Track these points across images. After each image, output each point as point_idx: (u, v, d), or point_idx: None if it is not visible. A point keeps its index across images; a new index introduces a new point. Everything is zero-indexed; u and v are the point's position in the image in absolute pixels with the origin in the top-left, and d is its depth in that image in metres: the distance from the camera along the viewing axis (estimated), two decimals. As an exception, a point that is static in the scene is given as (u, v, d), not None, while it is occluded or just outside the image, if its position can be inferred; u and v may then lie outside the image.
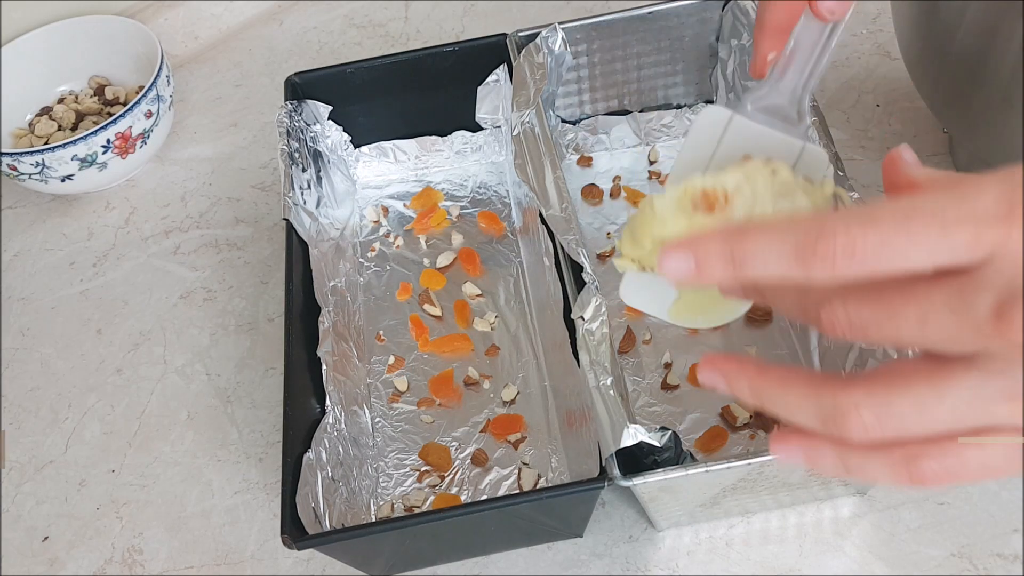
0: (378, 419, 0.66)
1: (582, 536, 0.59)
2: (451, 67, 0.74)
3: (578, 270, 0.57)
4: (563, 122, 0.77)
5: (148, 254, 0.80)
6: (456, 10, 0.95)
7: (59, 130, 0.85)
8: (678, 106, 0.77)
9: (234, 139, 0.88)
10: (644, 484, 0.50)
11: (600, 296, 0.55)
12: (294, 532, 0.51)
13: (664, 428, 0.50)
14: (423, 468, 0.63)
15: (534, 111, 0.66)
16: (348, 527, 0.55)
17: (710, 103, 0.77)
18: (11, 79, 0.85)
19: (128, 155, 0.81)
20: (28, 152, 0.77)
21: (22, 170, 0.78)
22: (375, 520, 0.60)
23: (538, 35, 0.70)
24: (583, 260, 0.57)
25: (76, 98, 0.88)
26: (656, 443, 0.49)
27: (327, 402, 0.59)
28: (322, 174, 0.75)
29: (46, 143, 0.82)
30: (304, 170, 0.71)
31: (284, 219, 0.65)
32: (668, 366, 0.65)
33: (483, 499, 0.60)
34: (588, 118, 0.77)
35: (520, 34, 0.72)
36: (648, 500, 0.54)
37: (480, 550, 0.59)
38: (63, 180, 0.80)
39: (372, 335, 0.70)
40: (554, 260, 0.61)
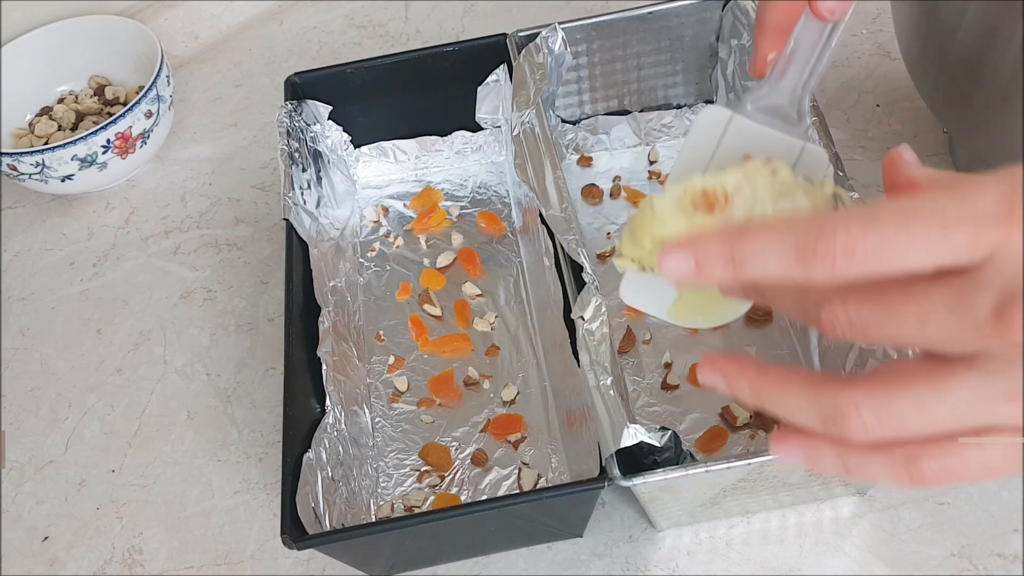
0: (378, 419, 0.66)
1: (582, 536, 0.59)
2: (451, 67, 0.74)
3: (578, 270, 0.57)
4: (563, 122, 0.77)
5: (148, 254, 0.80)
6: (456, 10, 0.95)
7: (59, 130, 0.85)
8: (678, 106, 0.77)
9: (234, 139, 0.88)
10: (644, 484, 0.50)
11: (600, 296, 0.55)
12: (294, 532, 0.51)
13: (664, 428, 0.50)
14: (423, 468, 0.63)
15: (534, 111, 0.66)
16: (348, 527, 0.55)
17: (710, 103, 0.77)
18: (11, 79, 0.85)
19: (128, 155, 0.81)
20: (28, 152, 0.77)
21: (22, 170, 0.78)
22: (375, 520, 0.60)
23: (538, 35, 0.70)
24: (583, 260, 0.57)
25: (76, 98, 0.88)
26: (656, 443, 0.49)
27: (327, 402, 0.59)
28: (322, 174, 0.75)
29: (46, 143, 0.82)
30: (304, 170, 0.71)
31: (284, 219, 0.65)
32: (668, 366, 0.65)
33: (483, 499, 0.60)
34: (588, 118, 0.77)
35: (520, 34, 0.72)
36: (648, 500, 0.54)
37: (480, 550, 0.59)
38: (63, 180, 0.80)
39: (372, 335, 0.70)
40: (554, 260, 0.61)
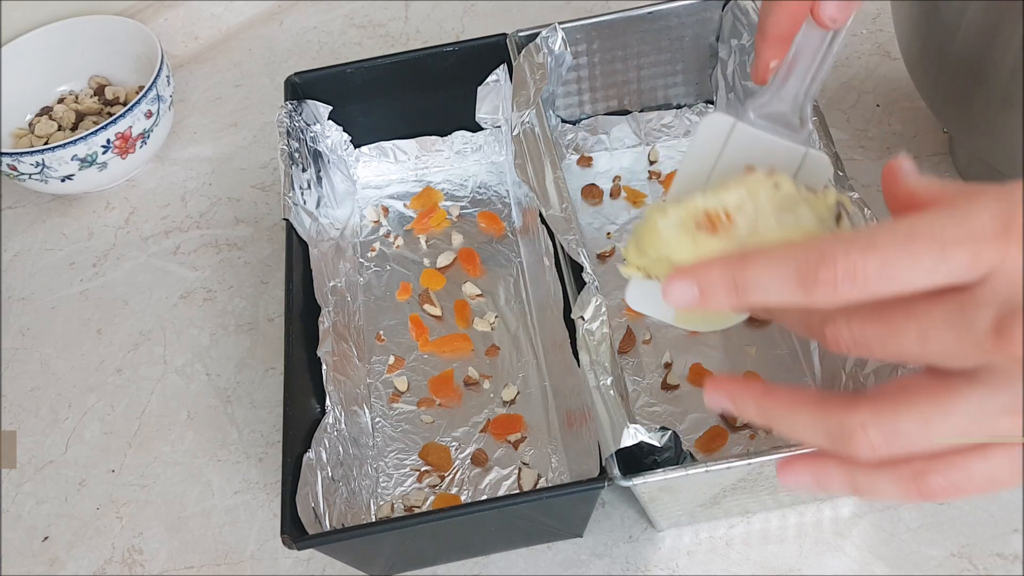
0: (378, 419, 0.66)
1: (582, 536, 0.59)
2: (451, 67, 0.74)
3: (578, 270, 0.57)
4: (563, 122, 0.77)
5: (148, 254, 0.80)
6: (456, 10, 0.95)
7: (59, 130, 0.85)
8: (678, 106, 0.77)
9: (234, 139, 0.88)
10: (644, 484, 0.50)
11: (600, 296, 0.55)
12: (294, 532, 0.51)
13: (664, 428, 0.50)
14: (423, 468, 0.63)
15: (534, 111, 0.66)
16: (348, 527, 0.55)
17: (710, 103, 0.77)
18: (11, 79, 0.86)
19: (128, 155, 0.81)
20: (28, 152, 0.77)
21: (22, 170, 0.78)
22: (375, 520, 0.60)
23: (538, 35, 0.70)
24: (583, 260, 0.57)
25: (76, 98, 0.88)
26: (656, 443, 0.49)
27: (327, 402, 0.59)
28: (322, 174, 0.75)
29: (46, 143, 0.82)
30: (304, 170, 0.71)
31: (284, 219, 0.65)
32: (668, 366, 0.65)
33: (483, 499, 0.60)
34: (588, 118, 0.77)
35: (520, 34, 0.72)
36: (648, 500, 0.54)
37: (480, 550, 0.59)
38: (63, 180, 0.80)
39: (372, 335, 0.70)
40: (554, 260, 0.61)
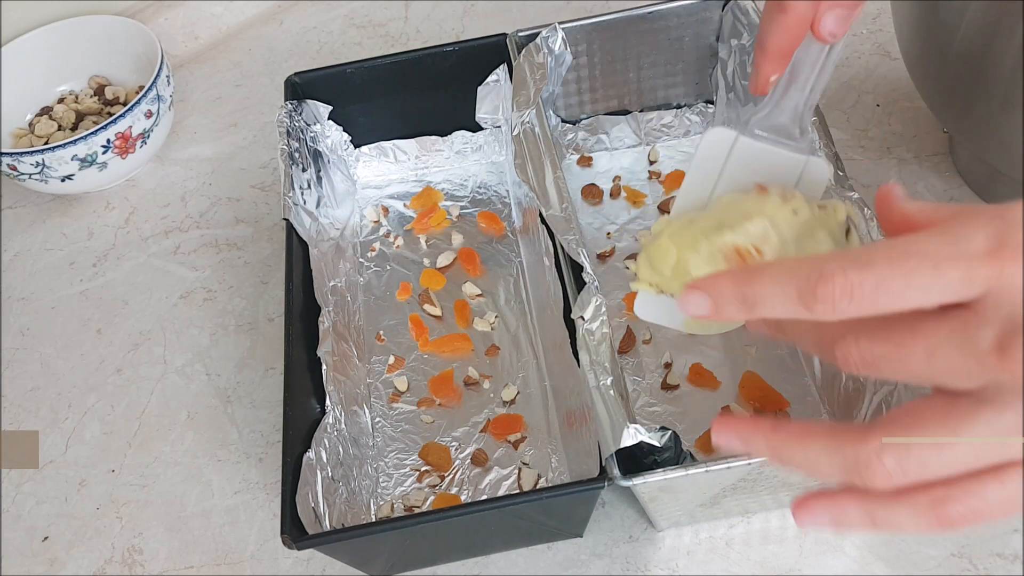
0: (378, 419, 0.66)
1: (582, 536, 0.59)
2: (451, 67, 0.74)
3: (578, 270, 0.57)
4: (563, 122, 0.77)
5: (148, 254, 0.80)
6: (456, 10, 0.95)
7: (59, 130, 0.85)
8: (678, 106, 0.77)
9: (234, 139, 0.88)
10: (644, 484, 0.50)
11: (600, 296, 0.55)
12: (294, 532, 0.51)
13: (664, 428, 0.50)
14: (423, 468, 0.63)
15: (534, 111, 0.66)
16: (348, 527, 0.55)
17: (710, 103, 0.77)
18: (11, 79, 0.86)
19: (128, 155, 0.81)
20: (28, 152, 0.77)
21: (22, 170, 0.78)
22: (375, 520, 0.60)
23: (538, 35, 0.70)
24: (583, 260, 0.57)
25: (76, 98, 0.88)
26: (656, 443, 0.49)
27: (327, 402, 0.59)
28: (322, 174, 0.75)
29: (46, 143, 0.82)
30: (304, 170, 0.71)
31: (284, 219, 0.65)
32: (668, 366, 0.65)
33: (483, 499, 0.60)
34: (588, 118, 0.77)
35: (520, 34, 0.72)
36: (648, 500, 0.54)
37: (480, 550, 0.59)
38: (63, 180, 0.80)
39: (372, 335, 0.70)
40: (554, 260, 0.61)
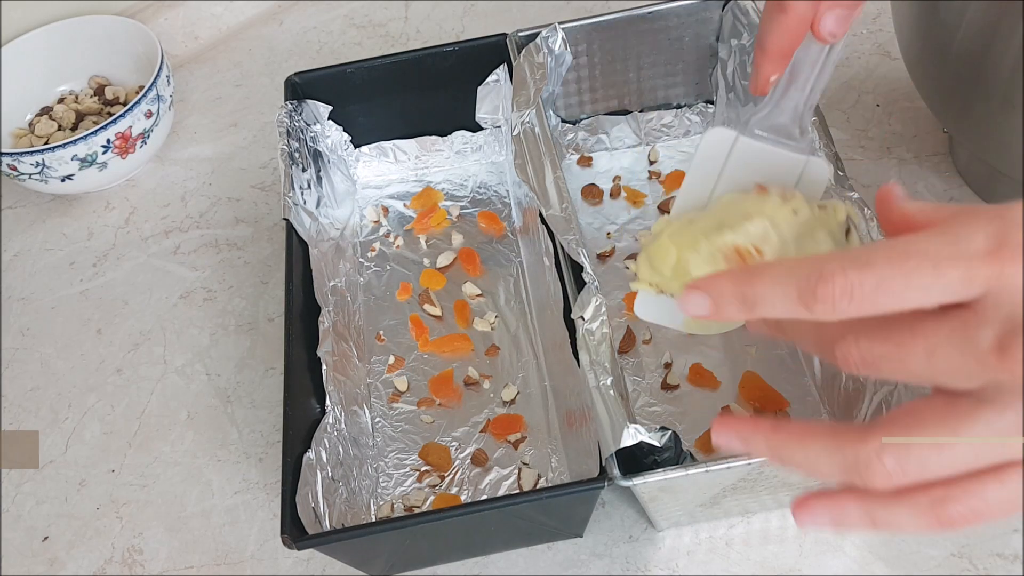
0: (378, 419, 0.66)
1: (582, 536, 0.59)
2: (451, 67, 0.74)
3: (578, 270, 0.57)
4: (563, 122, 0.77)
5: (148, 254, 0.80)
6: (456, 10, 0.95)
7: (59, 130, 0.85)
8: (678, 106, 0.77)
9: (234, 139, 0.88)
10: (644, 484, 0.50)
11: (600, 296, 0.55)
12: (294, 532, 0.51)
13: (664, 428, 0.50)
14: (423, 468, 0.63)
15: (534, 111, 0.66)
16: (348, 527, 0.55)
17: (710, 103, 0.77)
18: (11, 79, 0.86)
19: (128, 155, 0.81)
20: (28, 152, 0.77)
21: (22, 170, 0.78)
22: (375, 520, 0.60)
23: (538, 35, 0.70)
24: (583, 260, 0.57)
25: (76, 98, 0.88)
26: (656, 443, 0.49)
27: (327, 402, 0.59)
28: (322, 174, 0.75)
29: (46, 143, 0.82)
30: (304, 170, 0.71)
31: (284, 219, 0.65)
32: (668, 366, 0.65)
33: (483, 499, 0.60)
34: (588, 118, 0.77)
35: (520, 34, 0.72)
36: (648, 500, 0.54)
37: (480, 550, 0.59)
38: (63, 180, 0.80)
39: (372, 335, 0.70)
40: (554, 260, 0.61)
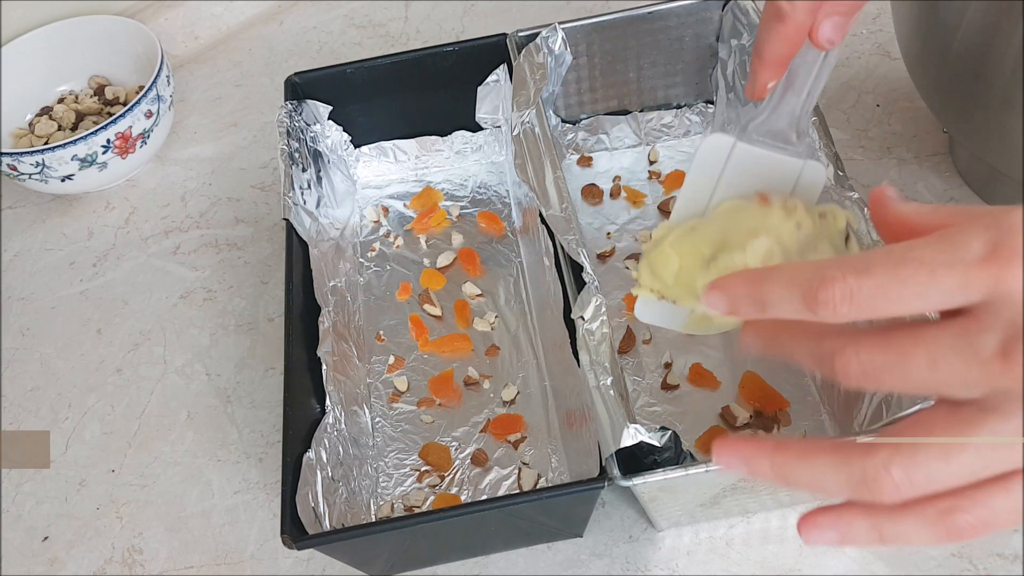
0: (378, 419, 0.66)
1: (582, 536, 0.59)
2: (451, 67, 0.74)
3: (578, 270, 0.57)
4: (563, 122, 0.77)
5: (148, 254, 0.80)
6: (456, 10, 0.95)
7: (59, 130, 0.85)
8: (678, 106, 0.77)
9: (234, 139, 0.88)
10: (644, 484, 0.50)
11: (600, 296, 0.55)
12: (294, 532, 0.51)
13: (664, 428, 0.50)
14: (423, 468, 0.63)
15: (534, 111, 0.66)
16: (348, 527, 0.55)
17: (710, 103, 0.77)
18: (11, 79, 0.86)
19: (128, 155, 0.81)
20: (28, 152, 0.77)
21: (22, 170, 0.78)
22: (375, 520, 0.60)
23: (538, 35, 0.70)
24: (583, 260, 0.57)
25: (76, 98, 0.88)
26: (656, 443, 0.49)
27: (327, 402, 0.59)
28: (322, 174, 0.75)
29: (46, 143, 0.82)
30: (304, 170, 0.71)
31: (284, 219, 0.65)
32: (668, 366, 0.65)
33: (483, 499, 0.60)
34: (588, 118, 0.77)
35: (520, 34, 0.72)
36: (648, 500, 0.54)
37: (480, 550, 0.59)
38: (63, 180, 0.80)
39: (372, 335, 0.70)
40: (554, 260, 0.61)
